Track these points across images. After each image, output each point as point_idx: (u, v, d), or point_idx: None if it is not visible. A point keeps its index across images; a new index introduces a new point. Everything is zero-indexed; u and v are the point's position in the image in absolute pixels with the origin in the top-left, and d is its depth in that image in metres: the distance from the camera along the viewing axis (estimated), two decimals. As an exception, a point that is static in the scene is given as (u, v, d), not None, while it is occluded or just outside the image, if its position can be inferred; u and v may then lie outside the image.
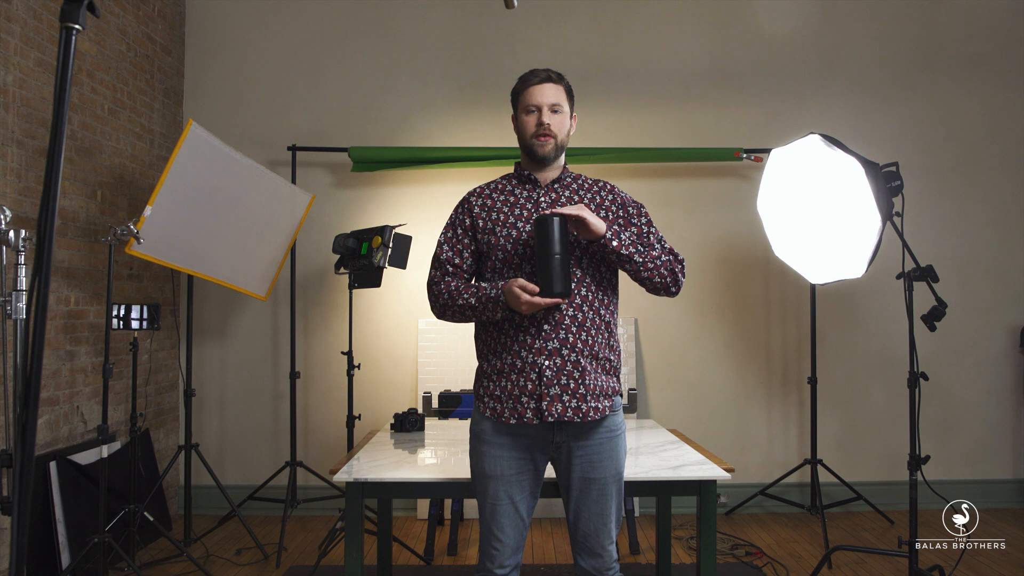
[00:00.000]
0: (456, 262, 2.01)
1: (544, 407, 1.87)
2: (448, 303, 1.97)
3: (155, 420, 4.03)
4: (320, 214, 4.25)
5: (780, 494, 4.12)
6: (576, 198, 2.01)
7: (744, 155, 4.18)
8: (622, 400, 2.04)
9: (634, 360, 4.22)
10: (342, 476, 2.25)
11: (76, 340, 3.37)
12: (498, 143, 4.18)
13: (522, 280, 1.85)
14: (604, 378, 1.95)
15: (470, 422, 2.04)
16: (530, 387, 1.89)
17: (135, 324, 3.27)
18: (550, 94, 1.97)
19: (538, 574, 3.27)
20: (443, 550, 3.61)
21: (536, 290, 1.83)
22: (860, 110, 4.35)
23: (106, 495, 2.91)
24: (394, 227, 3.58)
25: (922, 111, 4.37)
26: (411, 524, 4.06)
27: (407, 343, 4.30)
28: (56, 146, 1.09)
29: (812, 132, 3.22)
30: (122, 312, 3.25)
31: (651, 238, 2.02)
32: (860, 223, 3.07)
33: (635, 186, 4.28)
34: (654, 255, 1.96)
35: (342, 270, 3.75)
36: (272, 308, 4.31)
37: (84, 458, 3.28)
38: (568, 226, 1.88)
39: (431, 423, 3.21)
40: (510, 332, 1.93)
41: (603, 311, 1.96)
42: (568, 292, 1.84)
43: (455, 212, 2.07)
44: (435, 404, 3.85)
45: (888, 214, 2.85)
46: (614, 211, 2.02)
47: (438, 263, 2.04)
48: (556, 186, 2.02)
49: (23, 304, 2.16)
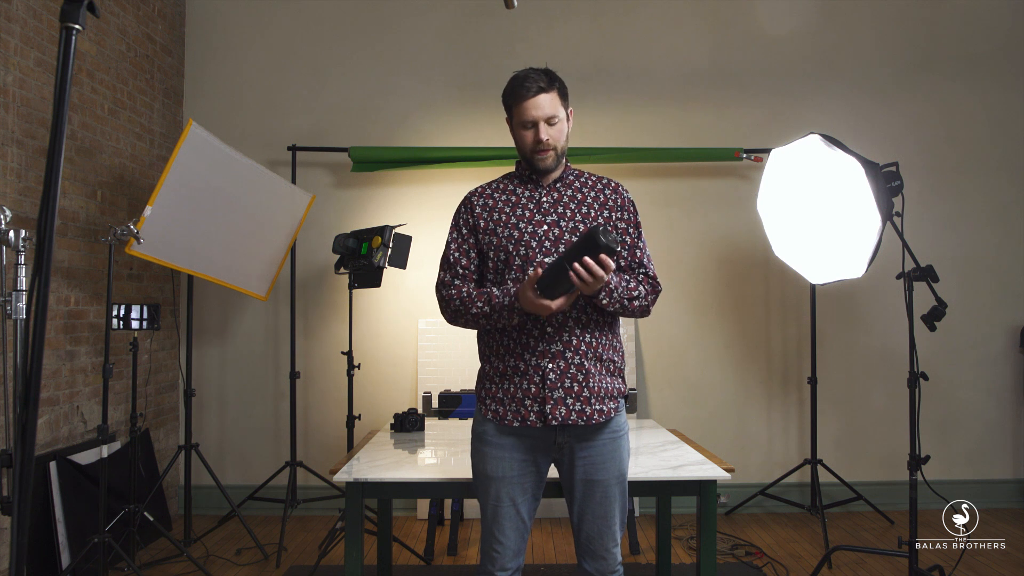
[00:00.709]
0: (464, 263, 1.97)
1: (548, 410, 1.86)
2: (460, 310, 1.93)
3: (155, 420, 4.03)
4: (320, 214, 4.25)
5: (780, 494, 4.12)
6: (580, 196, 1.98)
7: (744, 155, 4.18)
8: (625, 401, 2.03)
9: (634, 360, 4.22)
10: (342, 476, 2.25)
11: (76, 340, 3.37)
12: (498, 143, 4.18)
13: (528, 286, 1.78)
14: (609, 379, 1.93)
15: (472, 423, 2.02)
16: (533, 390, 1.87)
17: (135, 324, 3.27)
18: (545, 106, 1.88)
19: (538, 574, 3.27)
20: (443, 550, 3.61)
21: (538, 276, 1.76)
22: (860, 110, 4.35)
23: (106, 495, 2.91)
24: (394, 227, 3.59)
25: (922, 111, 4.37)
26: (411, 524, 4.06)
27: (407, 343, 4.30)
28: (56, 146, 1.09)
29: (812, 132, 3.22)
30: (122, 312, 3.25)
31: (636, 280, 1.95)
32: (860, 223, 3.07)
33: (635, 186, 4.25)
34: (635, 305, 1.91)
35: (342, 270, 3.75)
36: (272, 308, 4.31)
37: (84, 458, 3.28)
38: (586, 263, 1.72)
39: (431, 423, 3.21)
40: (513, 334, 1.91)
41: (605, 312, 1.94)
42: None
43: (458, 213, 2.03)
44: (435, 404, 3.85)
45: (888, 214, 2.85)
46: (617, 212, 1.98)
47: (447, 264, 2.00)
48: (559, 184, 1.99)
49: (23, 304, 2.16)
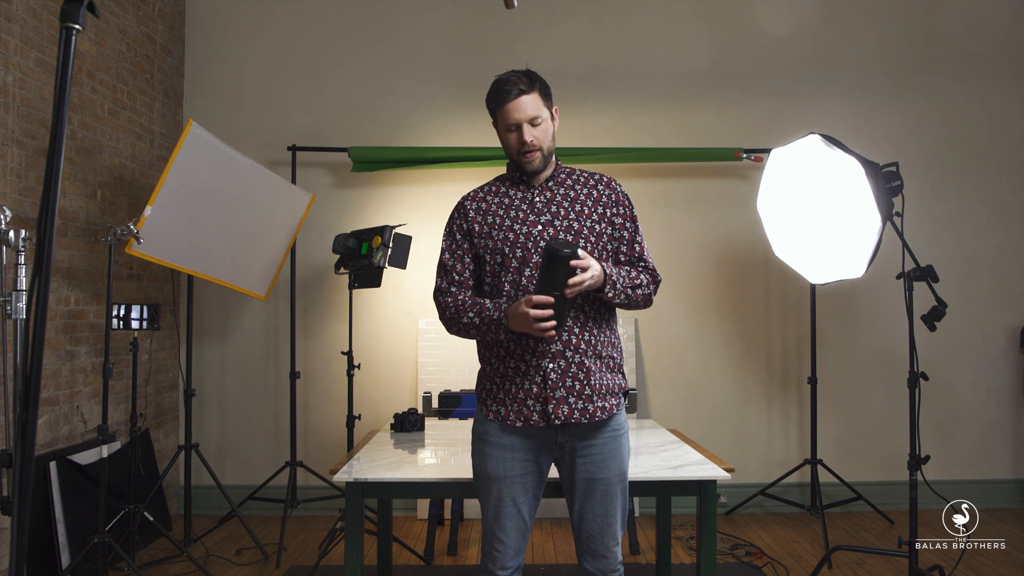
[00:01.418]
0: (459, 268, 1.98)
1: (550, 410, 1.86)
2: (454, 318, 1.94)
3: (155, 420, 4.03)
4: (320, 214, 4.25)
5: (780, 494, 4.12)
6: (572, 194, 1.97)
7: (744, 155, 4.18)
8: (626, 399, 2.02)
9: (634, 360, 4.22)
10: (342, 476, 2.25)
11: (76, 340, 3.37)
12: (498, 143, 4.15)
13: (529, 300, 1.76)
14: (609, 376, 1.93)
15: (473, 424, 2.02)
16: (535, 390, 1.87)
17: (135, 324, 3.27)
18: (527, 108, 1.89)
19: (538, 574, 3.27)
20: (443, 550, 3.61)
21: (542, 303, 1.75)
22: (860, 110, 4.35)
23: (106, 495, 2.91)
24: (394, 227, 3.59)
25: (922, 111, 4.37)
26: (411, 524, 4.06)
27: (407, 343, 4.30)
28: (56, 146, 1.09)
29: (812, 132, 3.22)
30: (122, 312, 3.25)
31: (637, 270, 1.96)
32: (860, 223, 3.07)
33: (635, 186, 4.27)
34: (639, 294, 1.92)
35: (342, 270, 3.75)
36: (272, 308, 4.31)
37: (84, 458, 3.28)
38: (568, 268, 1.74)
39: (431, 423, 3.21)
40: (513, 335, 1.91)
41: (602, 309, 1.94)
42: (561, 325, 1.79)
43: (451, 219, 2.03)
44: (435, 404, 3.85)
45: (888, 214, 2.85)
46: (612, 208, 1.97)
47: (443, 271, 2.00)
48: (550, 184, 1.99)
49: (23, 304, 2.16)
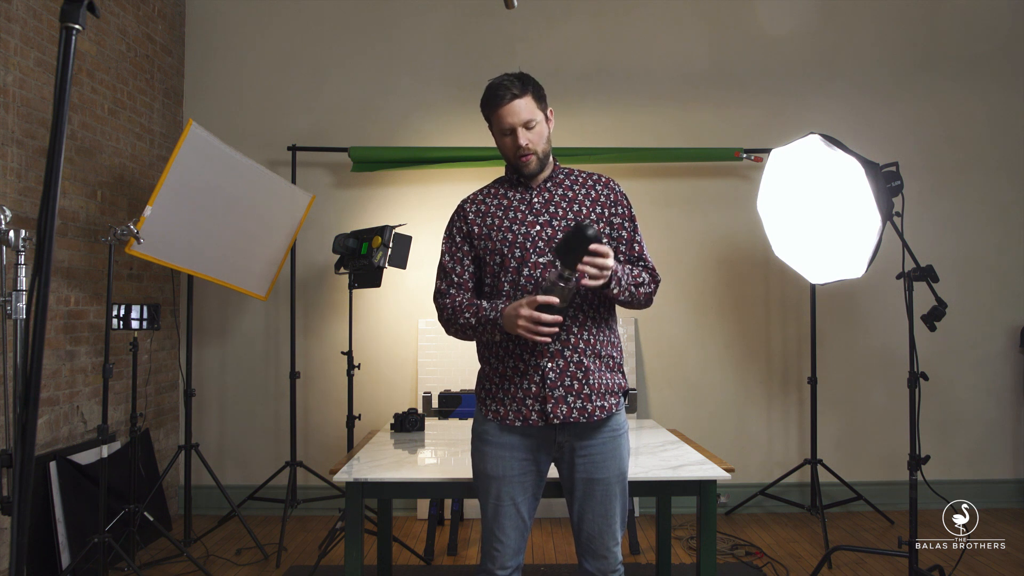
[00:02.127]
0: (458, 271, 1.99)
1: (549, 409, 1.86)
2: (451, 319, 1.97)
3: (155, 420, 4.03)
4: (320, 214, 4.24)
5: (780, 494, 4.12)
6: (571, 194, 1.97)
7: (744, 155, 4.18)
8: (626, 398, 2.02)
9: (634, 360, 4.22)
10: (342, 476, 2.25)
11: (76, 340, 3.37)
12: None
13: (526, 304, 1.76)
14: (609, 375, 1.93)
15: (472, 423, 2.03)
16: (534, 390, 1.88)
17: (135, 324, 3.27)
18: (520, 112, 1.86)
19: (538, 574, 3.27)
20: (443, 550, 3.61)
21: (536, 304, 1.75)
22: (860, 110, 4.35)
23: (106, 495, 2.91)
24: (394, 227, 3.59)
25: (922, 111, 4.37)
26: (411, 524, 4.06)
27: (407, 343, 4.30)
28: (56, 146, 1.09)
29: (812, 132, 3.22)
30: (122, 312, 3.25)
31: (638, 268, 1.96)
32: (860, 223, 3.07)
33: (635, 186, 4.27)
34: (641, 292, 1.92)
35: (342, 270, 3.75)
36: (272, 308, 4.31)
37: (84, 458, 3.28)
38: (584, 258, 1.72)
39: (431, 423, 3.21)
40: (510, 335, 1.90)
41: (601, 308, 1.94)
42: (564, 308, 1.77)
43: (451, 222, 2.04)
44: (435, 404, 3.85)
45: (888, 214, 2.85)
46: (611, 208, 1.97)
47: (443, 273, 2.02)
48: (548, 184, 1.99)
49: (23, 304, 2.16)
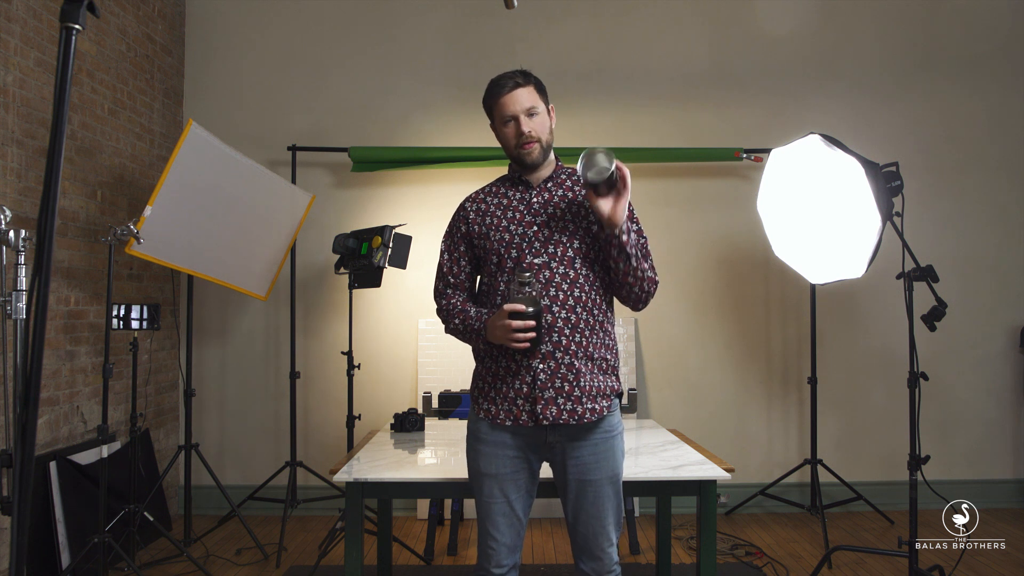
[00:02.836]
0: (455, 271, 2.03)
1: (539, 410, 1.86)
2: (445, 321, 2.05)
3: (155, 420, 4.03)
4: (320, 214, 4.24)
5: (780, 494, 4.12)
6: (571, 195, 1.97)
7: (744, 155, 4.18)
8: (620, 400, 2.01)
9: (634, 360, 4.22)
10: (342, 476, 2.25)
11: (76, 340, 3.37)
12: (498, 143, 4.17)
13: (503, 313, 1.80)
14: (601, 378, 1.92)
15: (467, 422, 2.05)
16: (525, 390, 1.88)
17: (135, 324, 3.27)
18: (523, 99, 1.91)
19: (538, 574, 3.27)
20: (443, 550, 3.61)
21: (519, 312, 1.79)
22: (860, 110, 4.35)
23: (106, 495, 2.91)
24: (394, 227, 3.59)
25: (922, 111, 4.37)
26: (411, 524, 4.06)
27: (407, 343, 4.30)
28: (56, 146, 1.09)
29: (812, 132, 3.22)
30: (122, 312, 3.25)
31: (646, 249, 1.98)
32: (860, 223, 3.07)
33: (635, 186, 4.25)
34: (645, 267, 1.92)
35: (342, 270, 3.75)
36: (272, 308, 4.31)
37: (84, 458, 3.28)
38: (611, 181, 1.79)
39: (431, 423, 3.21)
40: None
41: (596, 311, 1.93)
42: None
43: (452, 221, 2.07)
44: (435, 404, 3.85)
45: (888, 214, 2.85)
46: None
47: (440, 273, 2.07)
48: (549, 184, 1.99)
49: (23, 304, 2.16)
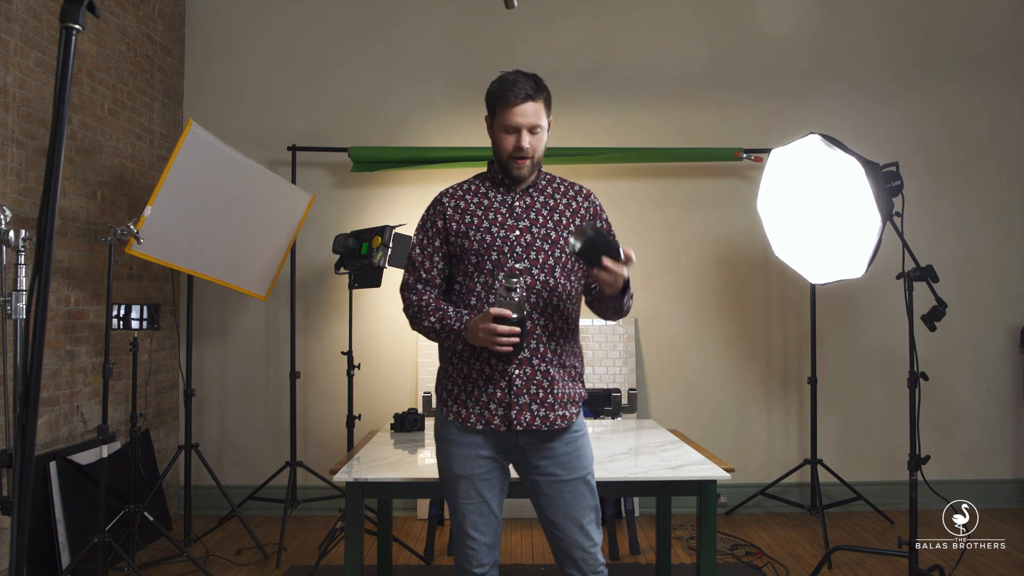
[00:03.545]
0: (427, 266, 1.96)
1: (513, 415, 1.87)
2: (416, 317, 1.94)
3: (155, 420, 4.03)
4: (320, 214, 4.24)
5: (780, 494, 4.12)
6: (551, 202, 1.97)
7: (744, 155, 4.18)
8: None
9: (634, 360, 4.22)
10: (342, 476, 2.25)
11: (76, 340, 3.37)
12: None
13: (494, 315, 1.77)
14: (571, 385, 1.95)
15: (434, 425, 2.00)
16: (499, 395, 1.88)
17: (135, 324, 3.27)
18: (530, 114, 1.87)
19: (538, 574, 3.27)
20: (443, 550, 3.61)
21: (506, 318, 1.76)
22: (860, 110, 4.35)
23: (106, 495, 2.91)
24: (394, 227, 3.59)
25: (922, 111, 4.37)
26: (411, 524, 4.06)
27: (407, 343, 4.30)
28: (56, 146, 1.09)
29: (812, 132, 3.22)
30: (122, 312, 3.24)
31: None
32: (860, 223, 3.07)
33: (635, 186, 4.28)
34: (630, 304, 1.96)
35: (342, 270, 3.75)
36: (272, 308, 4.31)
37: (84, 458, 3.28)
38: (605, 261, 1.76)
39: (431, 423, 3.20)
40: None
41: (570, 320, 1.97)
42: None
43: (427, 214, 1.99)
44: (435, 404, 3.84)
45: (888, 214, 2.85)
46: (589, 220, 2.00)
47: (412, 267, 1.98)
48: (531, 190, 1.98)
49: (23, 304, 2.16)
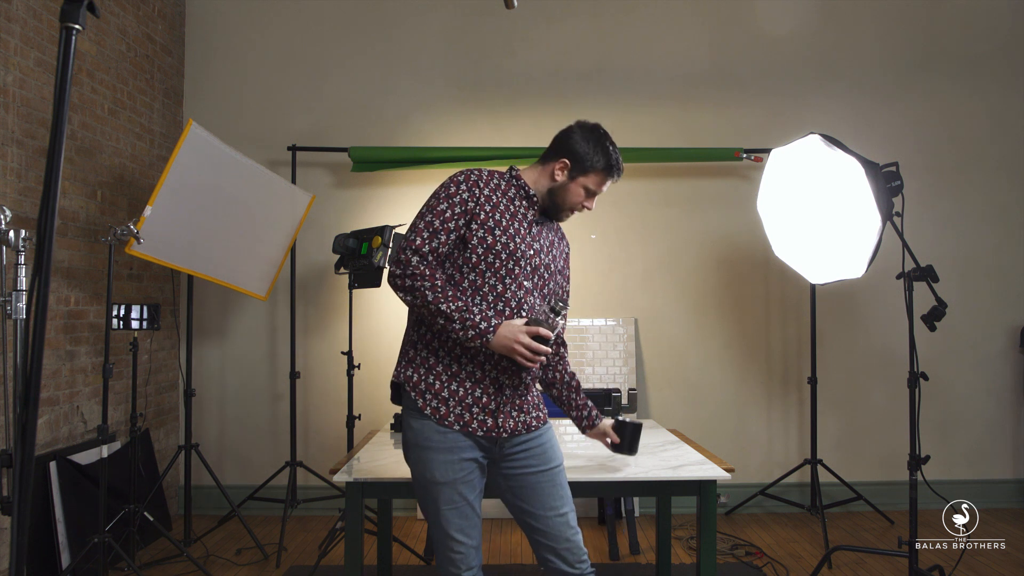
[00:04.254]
0: (442, 239, 1.82)
1: (500, 423, 1.88)
2: (421, 291, 1.79)
3: (155, 420, 4.03)
4: (320, 214, 4.24)
5: (780, 494, 4.12)
6: (552, 236, 2.05)
7: (744, 155, 4.18)
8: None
9: (634, 360, 4.22)
10: (342, 476, 2.25)
11: (76, 340, 3.37)
12: (498, 143, 4.16)
13: (526, 331, 1.83)
14: (535, 388, 2.04)
15: (409, 417, 1.90)
16: (485, 400, 1.87)
17: (135, 324, 3.27)
18: (608, 187, 2.05)
19: (538, 574, 3.27)
20: (443, 550, 3.61)
21: (537, 334, 1.84)
22: (860, 110, 4.35)
23: (106, 495, 2.91)
24: (394, 227, 3.59)
25: (922, 111, 4.37)
26: (411, 524, 4.06)
27: (407, 343, 4.30)
28: (56, 146, 1.09)
29: (812, 132, 3.22)
30: (122, 312, 3.25)
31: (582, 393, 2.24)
32: (860, 223, 3.07)
33: (635, 186, 4.28)
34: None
35: (342, 270, 3.75)
36: (272, 308, 4.31)
37: (84, 458, 3.28)
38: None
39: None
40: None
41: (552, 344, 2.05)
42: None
43: (456, 188, 1.85)
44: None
45: (888, 214, 2.85)
46: (567, 261, 2.12)
47: (428, 231, 1.82)
48: (543, 220, 2.04)
49: (23, 304, 2.16)
